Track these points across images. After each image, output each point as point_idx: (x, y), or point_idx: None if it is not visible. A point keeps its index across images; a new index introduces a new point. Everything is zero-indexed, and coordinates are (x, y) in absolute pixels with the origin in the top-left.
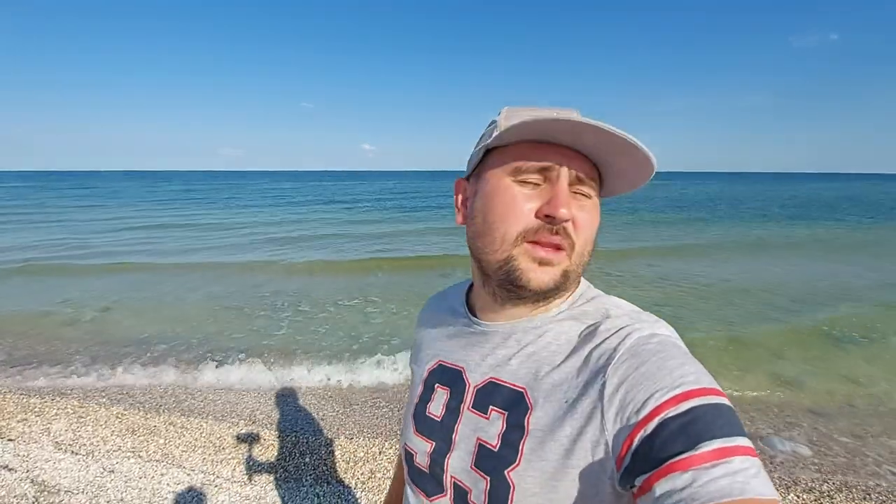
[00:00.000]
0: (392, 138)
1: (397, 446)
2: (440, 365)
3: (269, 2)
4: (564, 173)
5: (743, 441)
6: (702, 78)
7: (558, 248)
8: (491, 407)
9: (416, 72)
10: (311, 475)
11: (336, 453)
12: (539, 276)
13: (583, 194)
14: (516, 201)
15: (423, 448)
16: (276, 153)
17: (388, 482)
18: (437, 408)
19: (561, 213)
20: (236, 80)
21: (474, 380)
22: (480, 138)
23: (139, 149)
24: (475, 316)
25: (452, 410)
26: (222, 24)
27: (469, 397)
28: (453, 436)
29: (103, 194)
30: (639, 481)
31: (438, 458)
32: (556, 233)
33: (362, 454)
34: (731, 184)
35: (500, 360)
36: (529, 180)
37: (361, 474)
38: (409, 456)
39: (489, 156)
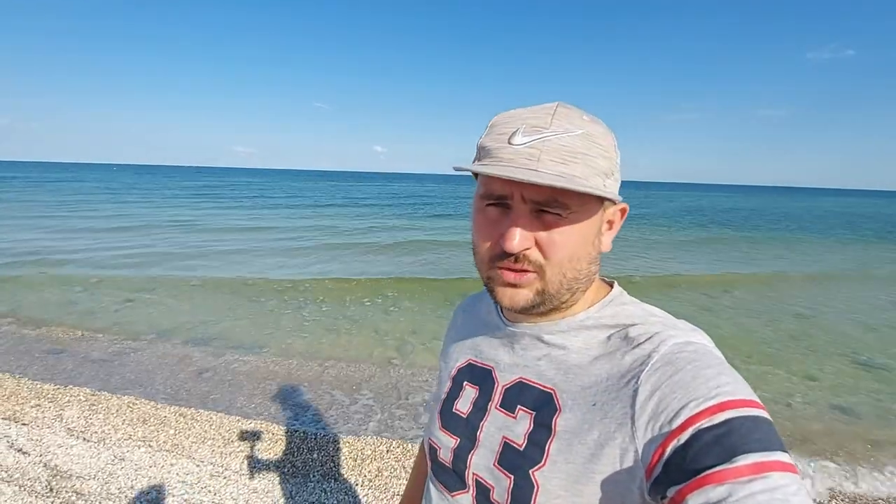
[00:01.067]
0: (404, 141)
1: (405, 445)
2: (470, 363)
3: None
4: (517, 204)
5: (782, 456)
6: (716, 89)
7: (524, 271)
8: (519, 406)
9: (429, 73)
10: (318, 471)
11: (344, 450)
12: (511, 297)
13: (551, 213)
14: (485, 228)
15: (447, 444)
16: (288, 152)
17: (395, 481)
18: (464, 405)
19: (509, 247)
20: (249, 78)
21: (504, 379)
22: None
23: (151, 144)
24: (506, 318)
25: (480, 408)
26: (234, 21)
27: (497, 396)
28: (478, 433)
29: (119, 189)
30: (671, 492)
31: (462, 454)
32: (517, 260)
33: (370, 452)
34: (748, 196)
35: (529, 361)
36: (496, 204)
37: (369, 472)
38: (433, 451)
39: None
